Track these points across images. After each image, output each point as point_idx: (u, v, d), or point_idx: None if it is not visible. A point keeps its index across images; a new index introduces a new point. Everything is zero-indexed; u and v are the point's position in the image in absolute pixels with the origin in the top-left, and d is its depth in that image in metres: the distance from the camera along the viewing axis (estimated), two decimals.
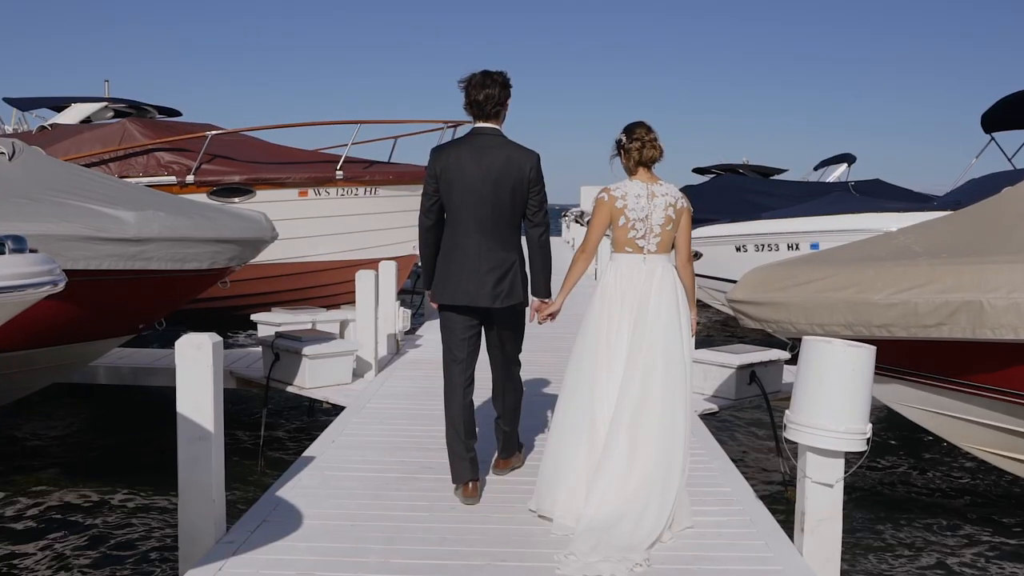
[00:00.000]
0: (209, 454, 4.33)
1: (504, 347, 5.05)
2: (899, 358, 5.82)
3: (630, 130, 4.57)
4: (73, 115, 13.86)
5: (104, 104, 14.25)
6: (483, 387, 5.33)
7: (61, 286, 3.14)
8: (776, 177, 26.08)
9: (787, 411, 4.47)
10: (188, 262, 6.35)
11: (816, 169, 23.44)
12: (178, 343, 4.30)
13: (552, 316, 4.91)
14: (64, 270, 5.85)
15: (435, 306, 5.03)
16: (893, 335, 5.64)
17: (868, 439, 4.28)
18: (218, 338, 4.37)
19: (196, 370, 4.28)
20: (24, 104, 15.05)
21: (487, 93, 4.75)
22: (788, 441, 4.51)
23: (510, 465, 5.37)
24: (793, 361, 8.16)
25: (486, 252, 4.75)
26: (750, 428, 8.96)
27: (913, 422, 6.40)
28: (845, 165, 22.60)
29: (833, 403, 4.20)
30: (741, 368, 7.67)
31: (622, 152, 4.59)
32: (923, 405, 6.06)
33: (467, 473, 4.92)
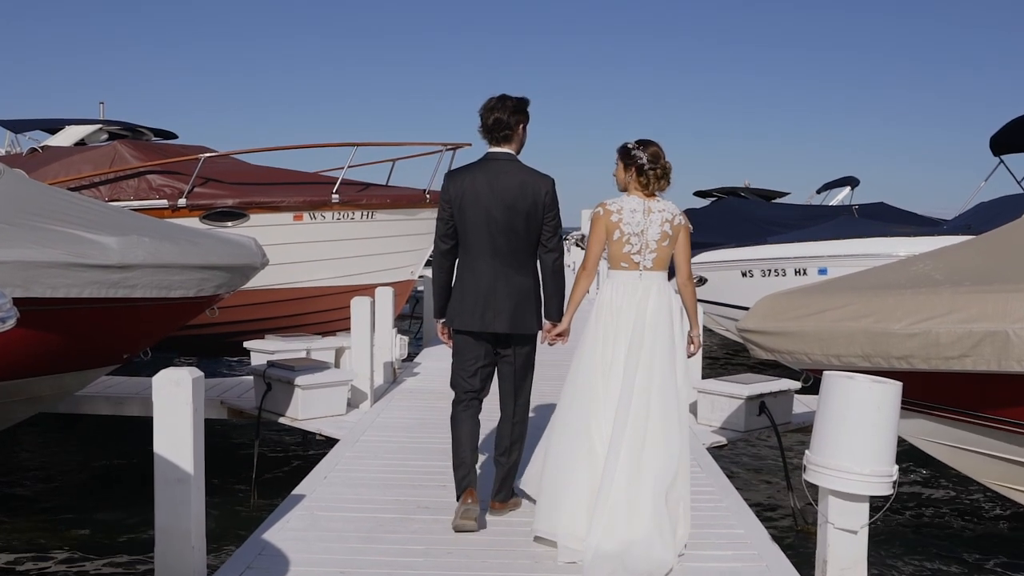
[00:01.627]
0: (188, 498, 4.04)
1: (515, 375, 4.94)
2: (920, 391, 5.53)
3: (655, 156, 4.52)
4: (67, 137, 13.65)
5: (99, 127, 14.05)
6: (487, 418, 5.11)
7: (10, 324, 2.84)
8: (778, 200, 25.86)
9: (807, 451, 4.20)
10: (174, 289, 6.07)
11: (819, 192, 23.25)
12: (156, 378, 4.03)
13: (562, 337, 4.86)
14: (43, 298, 5.67)
15: (442, 336, 5.01)
16: (913, 367, 5.35)
17: (894, 482, 4.00)
18: (199, 372, 4.09)
19: (174, 407, 4.00)
20: (18, 126, 14.85)
21: (496, 118, 4.74)
22: (808, 484, 4.22)
23: (507, 507, 5.08)
24: (804, 391, 7.97)
25: (502, 278, 4.72)
26: (759, 460, 8.65)
27: (936, 458, 6.10)
28: (848, 188, 22.43)
29: (857, 444, 3.93)
30: (750, 399, 7.40)
31: (634, 168, 4.53)
32: (946, 440, 5.77)
33: (471, 481, 4.85)
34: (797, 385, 7.74)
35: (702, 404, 7.68)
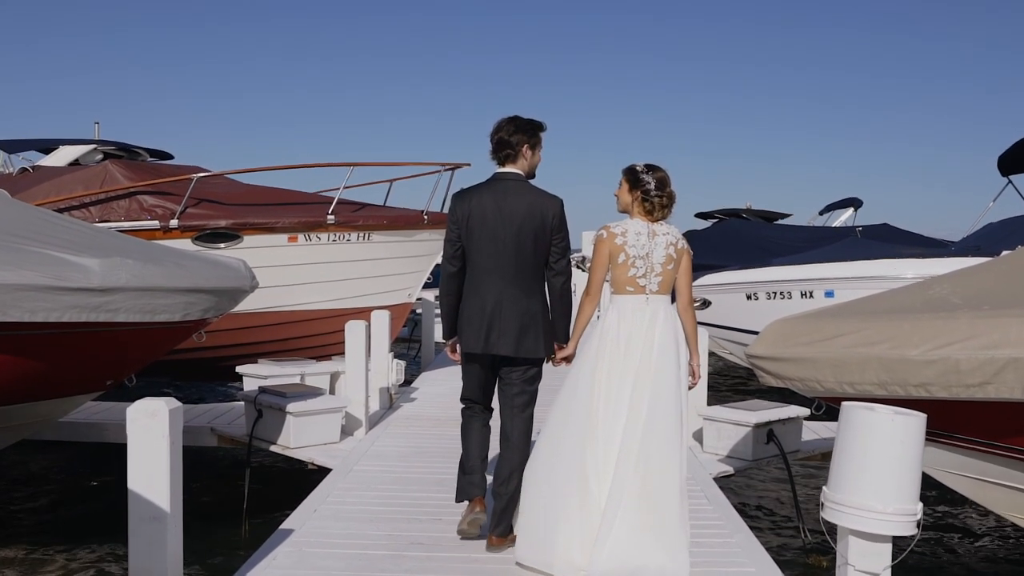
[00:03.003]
0: (164, 537, 3.79)
1: (519, 398, 4.85)
2: (940, 420, 5.26)
3: (662, 182, 4.49)
4: (61, 157, 13.40)
5: (93, 147, 13.80)
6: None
7: None
8: (780, 222, 25.58)
9: (824, 487, 3.94)
10: (159, 313, 5.82)
11: (821, 214, 22.96)
12: (130, 409, 3.79)
13: (567, 360, 4.81)
14: (21, 323, 5.41)
15: (451, 355, 5.00)
16: (932, 395, 5.09)
17: (918, 521, 3.74)
18: (176, 403, 3.85)
19: (150, 440, 3.76)
20: (11, 146, 14.61)
21: (499, 137, 4.75)
22: (825, 522, 3.96)
23: (506, 543, 4.81)
24: (813, 418, 7.71)
25: (509, 300, 4.67)
26: (767, 490, 8.37)
27: (956, 491, 5.83)
28: (851, 209, 22.15)
29: (879, 480, 3.68)
30: (758, 427, 7.16)
31: (640, 192, 4.48)
32: (968, 472, 5.50)
33: (477, 490, 4.89)
34: (806, 412, 7.50)
35: (708, 432, 7.43)
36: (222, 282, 6.26)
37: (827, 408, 6.90)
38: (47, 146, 14.04)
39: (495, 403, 4.96)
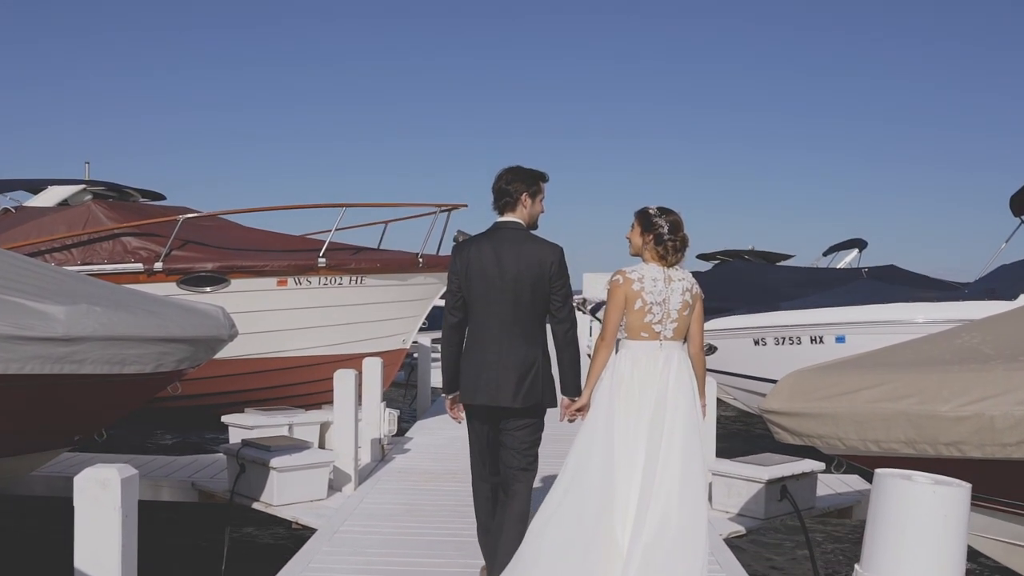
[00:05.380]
0: None
1: (520, 449, 4.74)
2: (974, 482, 4.85)
3: (675, 226, 4.43)
4: (49, 198, 13.07)
5: (82, 187, 13.50)
6: None
7: None
8: (783, 263, 25.30)
9: (856, 566, 3.53)
10: (128, 364, 5.42)
11: (825, 255, 22.68)
12: (77, 479, 3.38)
13: (582, 412, 4.62)
14: None
15: (451, 412, 4.91)
16: (965, 454, 4.68)
17: None
18: (131, 471, 3.44)
19: (100, 513, 3.35)
20: None
21: (499, 186, 4.75)
22: None
23: None
24: (830, 469, 7.29)
25: (508, 349, 4.61)
26: (781, 551, 7.90)
27: (990, 557, 5.40)
28: (856, 250, 21.87)
29: (920, 561, 3.26)
30: (771, 483, 6.73)
31: (652, 236, 4.40)
32: (1003, 536, 5.07)
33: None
34: (821, 466, 7.08)
35: (717, 488, 6.98)
36: (199, 331, 5.87)
37: (848, 466, 6.48)
38: (35, 187, 13.72)
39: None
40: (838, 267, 20.94)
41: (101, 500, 3.34)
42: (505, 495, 4.79)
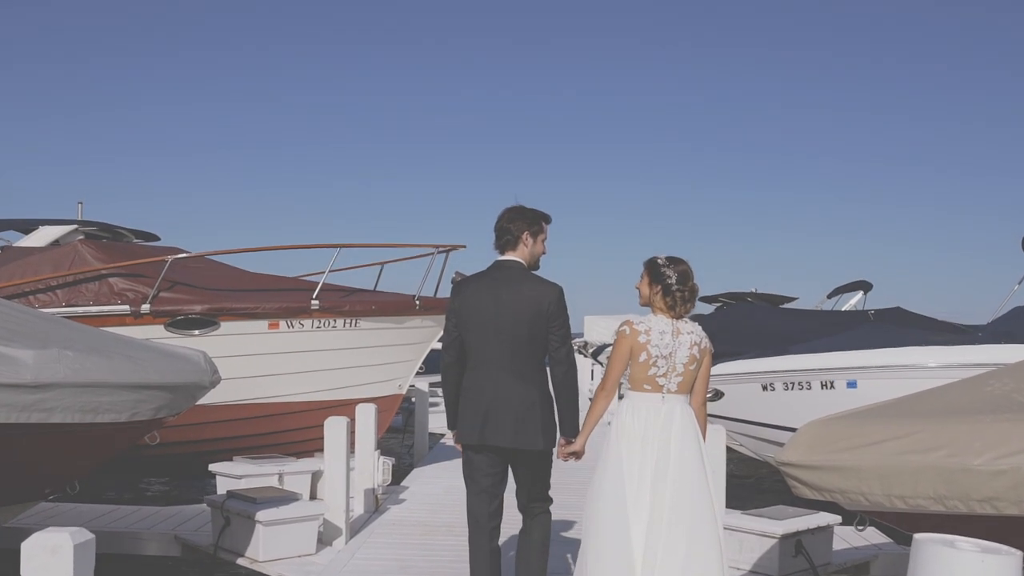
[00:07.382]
0: None
1: (528, 487, 4.78)
2: (1012, 541, 4.50)
3: (684, 276, 4.36)
4: (41, 238, 12.78)
5: (74, 227, 13.23)
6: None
7: None
8: (787, 305, 25.01)
9: None
10: (102, 413, 5.07)
11: (830, 297, 22.44)
12: (25, 545, 3.03)
13: (576, 456, 4.61)
14: None
15: (458, 447, 4.82)
16: (1000, 511, 4.33)
17: None
18: (87, 536, 3.09)
19: None
20: None
21: (499, 225, 4.74)
22: None
23: None
24: (848, 522, 6.90)
25: (505, 389, 4.57)
26: None
27: None
28: (861, 293, 21.64)
29: None
30: (785, 537, 6.38)
31: (660, 287, 4.34)
32: None
33: None
34: (838, 519, 6.71)
35: (728, 543, 6.57)
36: (178, 376, 5.53)
37: (871, 523, 6.11)
38: (27, 227, 13.45)
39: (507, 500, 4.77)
40: (843, 309, 20.69)
41: (50, 568, 2.99)
42: (524, 541, 4.80)
